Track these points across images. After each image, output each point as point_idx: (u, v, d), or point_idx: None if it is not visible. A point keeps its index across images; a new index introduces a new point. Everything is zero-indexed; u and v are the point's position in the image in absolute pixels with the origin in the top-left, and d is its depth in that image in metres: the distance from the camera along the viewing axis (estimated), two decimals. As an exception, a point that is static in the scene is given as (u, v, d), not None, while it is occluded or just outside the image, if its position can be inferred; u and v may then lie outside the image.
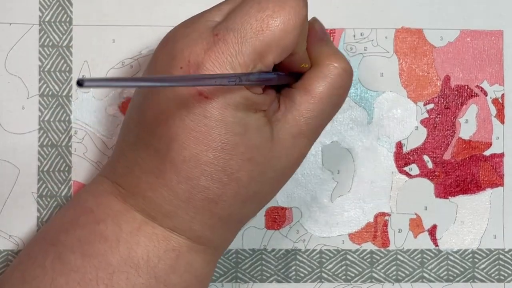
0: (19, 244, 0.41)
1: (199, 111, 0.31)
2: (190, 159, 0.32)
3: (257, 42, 0.31)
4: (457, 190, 0.42)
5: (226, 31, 0.31)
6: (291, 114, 0.34)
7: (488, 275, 0.42)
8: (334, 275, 0.42)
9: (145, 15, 0.42)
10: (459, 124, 0.42)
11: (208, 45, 0.31)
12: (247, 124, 0.32)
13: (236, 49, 0.31)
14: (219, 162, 0.32)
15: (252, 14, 0.31)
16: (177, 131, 0.32)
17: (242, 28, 0.31)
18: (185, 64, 0.31)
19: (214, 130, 0.31)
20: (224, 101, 0.31)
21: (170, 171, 0.32)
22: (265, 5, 0.32)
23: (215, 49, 0.31)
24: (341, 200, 0.42)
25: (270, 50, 0.32)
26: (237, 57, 0.31)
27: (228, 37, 0.31)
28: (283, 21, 0.31)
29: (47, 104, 0.41)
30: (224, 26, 0.32)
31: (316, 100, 0.34)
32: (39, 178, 0.41)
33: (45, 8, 0.41)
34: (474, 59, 0.42)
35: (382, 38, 0.42)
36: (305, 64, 0.35)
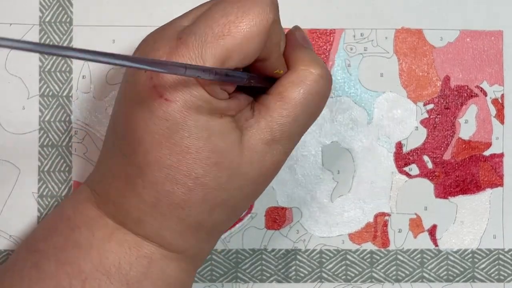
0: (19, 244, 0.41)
1: (161, 114, 0.31)
2: (154, 163, 0.31)
3: (217, 47, 0.30)
4: (457, 190, 0.42)
5: (188, 35, 0.31)
6: (264, 120, 0.33)
7: (488, 275, 0.42)
8: (334, 275, 0.42)
9: (145, 15, 0.42)
10: (459, 124, 0.42)
11: (171, 48, 0.31)
12: (211, 129, 0.31)
13: (196, 52, 0.30)
14: (183, 166, 0.31)
15: (216, 19, 0.31)
16: (142, 135, 0.31)
17: (203, 32, 0.31)
18: None
19: (177, 134, 0.31)
20: (185, 104, 0.31)
21: (136, 176, 0.32)
22: (230, 10, 0.31)
23: (177, 52, 0.31)
24: (341, 200, 0.42)
25: (231, 56, 0.31)
26: (196, 60, 0.30)
27: (189, 40, 0.31)
28: (246, 27, 0.31)
29: (47, 104, 0.41)
30: (188, 30, 0.31)
31: (290, 106, 0.33)
32: (39, 178, 0.41)
33: (45, 8, 0.42)
34: (474, 60, 0.42)
35: (382, 39, 0.42)
36: (279, 70, 0.34)
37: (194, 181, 0.32)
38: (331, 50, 0.42)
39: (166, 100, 0.31)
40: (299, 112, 0.33)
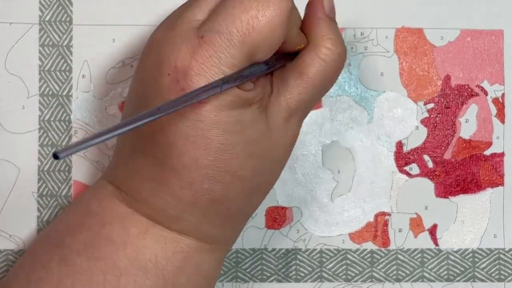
0: (19, 243, 0.41)
1: (193, 116, 0.31)
2: (191, 164, 0.31)
3: (245, 44, 0.31)
4: (457, 189, 0.42)
5: (212, 34, 0.31)
6: (283, 97, 0.33)
7: (489, 275, 0.42)
8: (334, 275, 0.42)
9: (145, 15, 0.42)
10: (459, 124, 0.42)
11: (193, 48, 0.31)
12: (244, 121, 0.32)
13: (225, 53, 0.31)
14: (220, 163, 0.32)
15: (237, 16, 0.31)
16: (174, 138, 0.31)
17: (228, 31, 0.31)
18: (172, 70, 0.31)
19: (211, 133, 0.31)
20: (217, 103, 0.31)
21: (172, 178, 0.32)
22: (248, 4, 0.31)
23: (201, 52, 0.31)
24: (341, 199, 0.42)
25: (258, 50, 0.31)
26: (226, 60, 0.31)
27: (214, 40, 0.31)
28: (268, 20, 0.31)
29: (47, 104, 0.41)
30: (209, 28, 0.31)
31: (309, 83, 0.34)
32: (39, 178, 0.41)
33: (45, 7, 0.41)
34: (474, 59, 0.42)
35: (382, 38, 0.42)
36: (301, 45, 0.34)
37: (232, 176, 0.32)
38: (331, 50, 0.42)
39: (198, 103, 0.31)
40: (316, 89, 0.34)
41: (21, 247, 0.41)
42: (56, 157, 0.24)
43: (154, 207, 0.33)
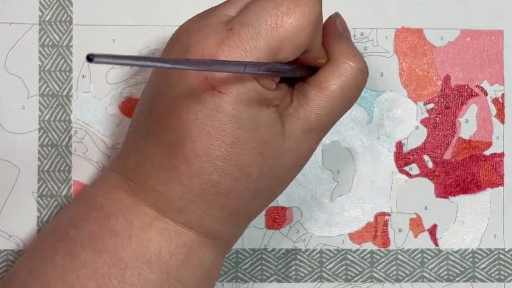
0: (19, 243, 0.41)
1: (213, 105, 0.31)
2: (203, 154, 0.32)
3: (271, 38, 0.31)
4: (457, 189, 0.42)
5: (241, 26, 0.31)
6: (303, 109, 0.34)
7: (488, 275, 0.42)
8: (334, 275, 0.42)
9: (145, 15, 0.42)
10: (459, 124, 0.42)
11: (222, 39, 0.31)
12: (259, 120, 0.32)
13: (250, 44, 0.31)
14: (232, 157, 0.32)
15: (267, 10, 0.31)
16: (190, 126, 0.32)
17: (256, 24, 0.31)
18: (199, 57, 0.31)
19: (227, 125, 0.31)
20: (237, 96, 0.31)
21: (182, 166, 0.32)
22: (280, 1, 0.32)
23: (229, 43, 0.31)
24: (341, 199, 0.42)
25: (283, 47, 0.31)
26: (251, 52, 0.31)
27: (242, 31, 0.31)
28: (298, 18, 0.31)
29: (47, 104, 0.41)
30: (239, 21, 0.32)
31: (329, 97, 0.34)
32: (39, 178, 0.41)
33: (45, 7, 0.41)
34: (474, 59, 0.42)
35: (382, 38, 0.42)
36: (321, 60, 0.35)
37: (240, 171, 0.32)
38: (331, 50, 0.42)
39: (219, 93, 0.31)
40: (337, 104, 0.35)
41: (21, 247, 0.41)
42: (90, 59, 0.24)
43: (161, 196, 0.33)
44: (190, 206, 0.33)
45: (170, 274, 0.33)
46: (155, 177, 0.33)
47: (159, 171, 0.33)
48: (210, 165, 0.32)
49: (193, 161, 0.32)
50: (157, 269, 0.33)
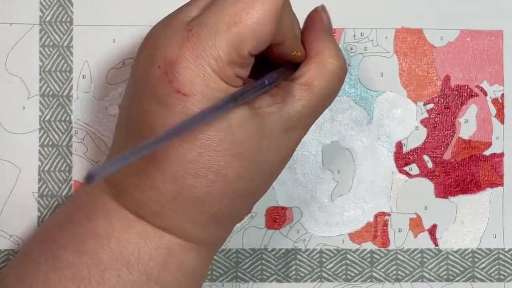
0: (20, 244, 0.41)
1: (179, 109, 0.31)
2: (175, 158, 0.31)
3: (230, 35, 0.30)
4: (457, 190, 0.42)
5: (200, 26, 0.31)
6: (286, 108, 0.33)
7: (488, 275, 0.42)
8: (334, 275, 0.42)
9: (145, 15, 0.42)
10: (459, 124, 0.42)
11: (183, 41, 0.31)
12: (230, 119, 0.31)
13: (209, 43, 0.30)
14: (204, 159, 0.31)
15: (226, 8, 0.31)
16: (159, 131, 0.31)
17: (214, 22, 0.31)
18: (162, 62, 0.31)
19: (196, 128, 0.31)
20: (203, 97, 0.31)
21: (155, 171, 0.32)
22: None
23: (189, 44, 0.31)
24: (341, 200, 0.42)
25: (244, 43, 0.31)
26: (211, 51, 0.30)
27: (201, 31, 0.31)
28: (258, 13, 0.31)
29: (47, 104, 0.41)
30: (198, 21, 0.31)
31: (314, 96, 0.34)
32: (39, 178, 0.41)
33: (45, 8, 0.42)
34: (474, 59, 0.42)
35: (382, 38, 0.42)
36: (297, 52, 0.34)
37: (215, 174, 0.32)
38: (331, 50, 0.42)
39: (184, 95, 0.31)
40: (321, 103, 0.34)
41: (21, 247, 0.41)
42: (90, 180, 0.24)
43: (137, 201, 0.33)
44: (166, 211, 0.32)
45: (150, 276, 0.33)
46: (131, 183, 0.33)
47: (134, 178, 0.33)
48: (182, 169, 0.31)
49: (165, 166, 0.31)
50: (136, 270, 0.32)
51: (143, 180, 0.32)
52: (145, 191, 0.32)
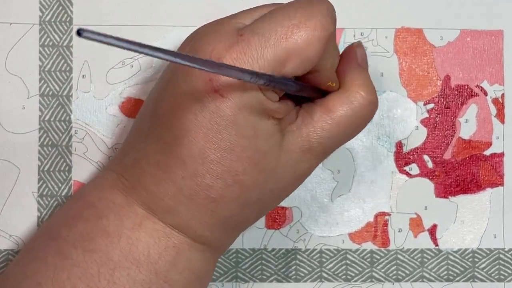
0: (20, 243, 0.41)
1: (213, 108, 0.31)
2: (198, 155, 0.32)
3: (278, 48, 0.31)
4: (457, 189, 0.42)
5: (251, 34, 0.31)
6: (306, 128, 0.34)
7: (488, 275, 0.42)
8: (334, 275, 0.42)
9: (145, 15, 0.42)
10: (459, 124, 0.42)
11: (231, 44, 0.31)
12: (258, 129, 0.32)
13: (258, 52, 0.31)
14: (226, 162, 0.32)
15: (279, 21, 0.32)
16: (188, 126, 0.32)
17: (267, 33, 0.31)
18: (207, 59, 0.31)
19: (225, 130, 0.31)
20: (239, 102, 0.31)
21: (176, 166, 0.32)
22: (293, 14, 0.32)
23: (237, 48, 0.31)
24: (341, 199, 0.42)
25: (290, 59, 0.31)
26: (258, 60, 0.31)
27: (252, 39, 0.31)
28: (308, 32, 0.31)
29: (47, 104, 0.41)
30: (250, 28, 0.32)
31: (334, 121, 0.34)
32: (39, 178, 0.41)
33: (45, 8, 0.42)
34: (474, 59, 0.42)
35: (382, 38, 0.42)
36: (332, 83, 0.35)
37: (233, 178, 0.32)
38: (331, 50, 0.42)
39: (221, 96, 0.31)
40: (341, 130, 0.34)
41: (21, 247, 0.41)
42: (79, 33, 0.23)
43: (152, 195, 0.33)
44: (179, 207, 0.33)
45: (159, 275, 0.33)
46: (149, 175, 0.33)
47: (154, 169, 0.33)
48: (203, 167, 0.32)
49: (188, 162, 0.32)
50: (146, 269, 0.33)
51: (162, 173, 0.33)
52: (162, 184, 0.33)
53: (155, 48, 0.26)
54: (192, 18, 0.42)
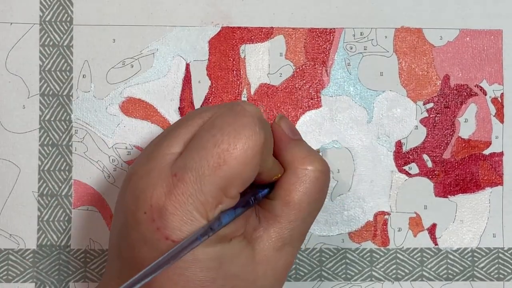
0: (20, 243, 0.41)
1: None
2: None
3: (216, 178, 0.30)
4: (456, 189, 0.42)
5: (184, 171, 0.30)
6: (273, 228, 0.33)
7: (488, 274, 0.42)
8: (334, 274, 0.42)
9: (145, 15, 0.42)
10: (458, 123, 0.42)
11: (168, 187, 0.30)
12: (221, 256, 0.31)
13: (195, 188, 0.30)
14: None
15: (209, 149, 0.30)
16: (153, 278, 0.30)
17: (199, 166, 0.30)
18: (148, 209, 0.30)
19: (188, 271, 0.30)
20: None
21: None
22: (220, 138, 0.30)
23: (175, 191, 0.30)
24: (341, 199, 0.42)
25: (231, 184, 0.30)
26: (198, 196, 0.30)
27: (186, 176, 0.30)
28: (241, 153, 0.30)
29: (47, 104, 0.41)
30: (182, 165, 0.31)
31: (296, 209, 0.33)
32: (39, 177, 0.41)
33: (45, 7, 0.42)
34: (473, 59, 0.42)
35: (381, 38, 0.42)
36: (278, 175, 0.34)
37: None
38: (331, 49, 0.42)
39: (174, 242, 0.30)
40: (306, 212, 0.33)
41: (21, 246, 0.41)
42: None
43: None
44: None
45: None
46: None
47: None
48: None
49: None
50: None
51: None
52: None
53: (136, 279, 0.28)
54: (192, 18, 0.42)
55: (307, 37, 0.42)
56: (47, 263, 0.41)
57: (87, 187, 0.41)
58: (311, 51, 0.42)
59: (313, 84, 0.42)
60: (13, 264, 0.41)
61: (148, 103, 0.42)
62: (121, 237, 0.32)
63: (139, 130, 0.42)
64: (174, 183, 0.30)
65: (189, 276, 0.30)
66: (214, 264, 0.31)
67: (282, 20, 0.42)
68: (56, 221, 0.41)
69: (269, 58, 0.42)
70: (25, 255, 0.41)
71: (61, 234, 0.41)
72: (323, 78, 0.42)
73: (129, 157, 0.41)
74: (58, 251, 0.41)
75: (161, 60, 0.42)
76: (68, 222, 0.41)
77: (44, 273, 0.41)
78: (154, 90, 0.42)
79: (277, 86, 0.42)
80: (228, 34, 0.42)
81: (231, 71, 0.42)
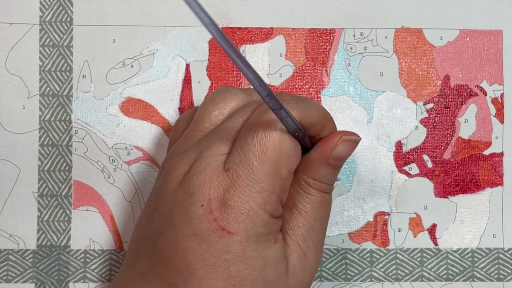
0: (20, 243, 0.41)
1: (221, 246, 0.31)
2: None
3: (265, 166, 0.32)
4: (456, 189, 0.42)
5: (235, 165, 0.32)
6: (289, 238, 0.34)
7: (488, 274, 0.42)
8: (334, 274, 0.42)
9: (145, 15, 0.42)
10: (458, 124, 0.42)
11: (225, 181, 0.32)
12: (267, 258, 0.32)
13: (250, 179, 0.31)
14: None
15: (249, 142, 0.32)
16: (196, 266, 0.31)
17: (246, 159, 0.32)
18: (206, 202, 0.31)
19: (234, 266, 0.31)
20: (247, 234, 0.31)
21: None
22: (256, 127, 0.32)
23: (232, 184, 0.31)
24: (341, 199, 0.42)
25: (280, 166, 0.32)
26: (254, 186, 0.31)
27: (238, 170, 0.32)
28: (277, 135, 0.32)
29: (47, 104, 0.41)
30: (232, 160, 0.32)
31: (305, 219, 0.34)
32: (39, 178, 0.41)
33: (45, 8, 0.42)
34: (473, 59, 0.42)
35: (382, 38, 0.42)
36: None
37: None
38: (331, 50, 0.42)
39: (229, 233, 0.31)
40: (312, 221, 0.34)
41: (21, 246, 0.41)
42: None
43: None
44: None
45: None
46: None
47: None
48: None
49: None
50: None
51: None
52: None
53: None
54: (192, 18, 0.42)
55: (307, 37, 0.42)
56: (47, 263, 0.41)
57: (87, 187, 0.41)
58: (311, 51, 0.42)
59: (313, 84, 0.42)
60: (13, 265, 0.41)
61: (148, 103, 0.42)
62: (159, 235, 0.33)
63: (139, 130, 0.42)
64: (230, 177, 0.32)
65: (232, 272, 0.31)
66: (259, 264, 0.32)
67: (282, 21, 0.42)
68: (56, 222, 0.41)
69: (269, 59, 0.42)
70: (25, 256, 0.41)
71: (61, 235, 0.41)
72: (323, 79, 0.42)
73: (129, 158, 0.41)
74: (58, 252, 0.41)
75: (161, 60, 0.42)
76: (68, 222, 0.41)
77: (44, 273, 0.41)
78: (154, 90, 0.42)
79: (277, 87, 0.42)
80: (228, 34, 0.42)
81: (231, 71, 0.42)
